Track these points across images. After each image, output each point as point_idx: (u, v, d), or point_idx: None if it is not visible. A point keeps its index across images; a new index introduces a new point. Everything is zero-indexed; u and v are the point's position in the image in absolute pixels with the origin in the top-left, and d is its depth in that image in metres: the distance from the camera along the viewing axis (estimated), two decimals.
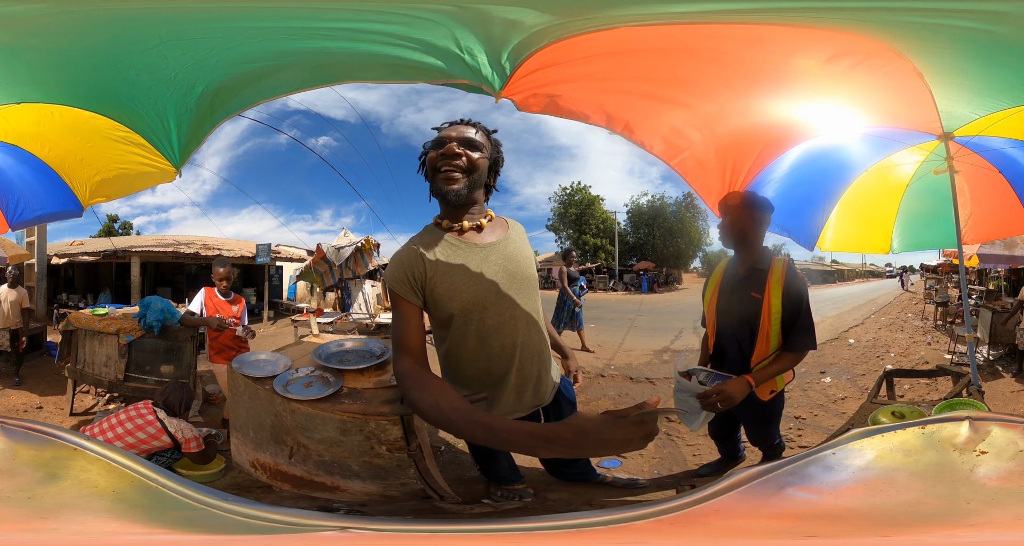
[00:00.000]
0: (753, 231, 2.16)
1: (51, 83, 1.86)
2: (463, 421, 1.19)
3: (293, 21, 1.45)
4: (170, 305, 4.35)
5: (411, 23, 1.40)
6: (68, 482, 0.85)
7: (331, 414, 1.79)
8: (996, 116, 2.01)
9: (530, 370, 1.75)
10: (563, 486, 2.31)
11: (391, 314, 1.62)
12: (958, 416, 0.90)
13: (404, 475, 1.81)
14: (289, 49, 1.64)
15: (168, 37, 1.49)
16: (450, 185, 1.58)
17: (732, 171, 2.57)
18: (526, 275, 1.72)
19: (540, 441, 1.06)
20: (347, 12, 1.39)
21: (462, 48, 1.49)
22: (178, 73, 1.72)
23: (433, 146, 1.65)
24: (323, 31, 1.50)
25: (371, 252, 8.57)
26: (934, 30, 1.37)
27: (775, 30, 1.52)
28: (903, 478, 0.83)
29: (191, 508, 0.81)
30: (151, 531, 0.76)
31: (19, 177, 2.78)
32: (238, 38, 1.56)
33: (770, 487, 0.83)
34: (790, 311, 2.08)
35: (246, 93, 1.93)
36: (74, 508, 0.79)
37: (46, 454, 0.89)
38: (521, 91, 1.76)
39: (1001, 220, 3.11)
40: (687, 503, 0.82)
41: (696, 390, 2.03)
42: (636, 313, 15.67)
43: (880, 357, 7.36)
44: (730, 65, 1.80)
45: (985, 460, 0.82)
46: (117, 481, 0.85)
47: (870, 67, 1.67)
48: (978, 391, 2.46)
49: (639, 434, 1.00)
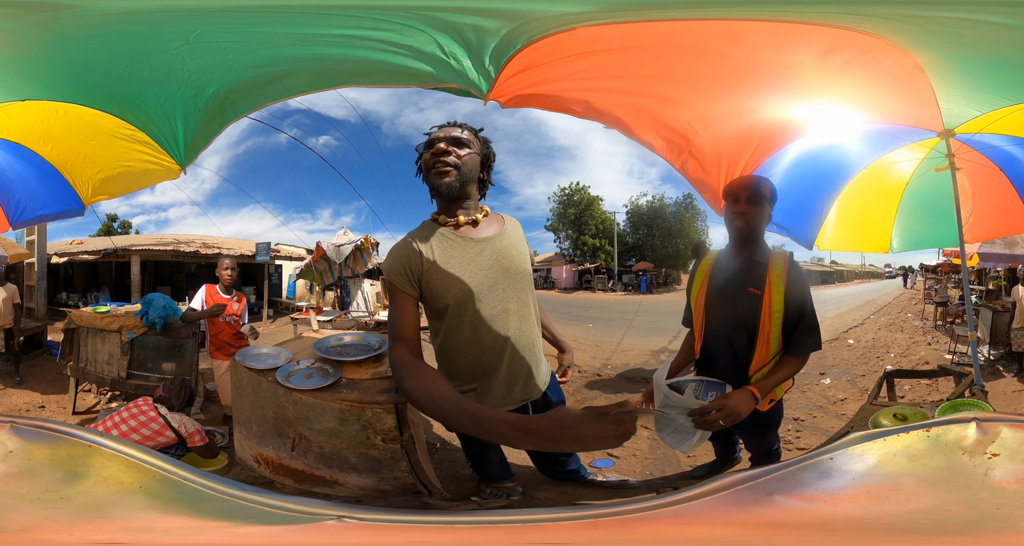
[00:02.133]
0: (762, 221, 1.94)
1: (58, 81, 1.87)
2: (452, 409, 1.24)
3: (305, 27, 1.51)
4: (172, 302, 4.36)
5: (399, 30, 1.45)
6: (93, 480, 0.83)
7: (330, 403, 1.83)
8: (998, 113, 1.99)
9: (521, 364, 1.80)
10: (552, 485, 2.33)
11: (389, 305, 1.70)
12: (964, 417, 0.86)
13: (397, 468, 1.84)
14: (298, 55, 1.69)
15: (196, 39, 1.53)
16: (442, 178, 1.68)
17: (728, 168, 2.55)
18: (520, 270, 1.79)
19: (520, 432, 1.09)
20: (349, 19, 1.44)
21: (447, 53, 1.55)
22: (192, 74, 1.76)
23: (424, 148, 1.76)
24: (328, 38, 1.54)
25: (370, 251, 8.58)
26: (941, 23, 1.36)
27: (758, 26, 1.53)
28: (911, 484, 0.79)
29: (221, 500, 0.80)
30: (202, 524, 0.76)
31: (20, 176, 2.78)
32: (257, 43, 1.60)
33: (755, 493, 0.80)
34: (793, 309, 1.85)
35: (256, 95, 1.97)
36: (114, 506, 0.78)
37: (62, 452, 0.87)
38: (507, 93, 1.82)
39: (1002, 219, 3.09)
40: (660, 504, 0.80)
41: (690, 405, 1.72)
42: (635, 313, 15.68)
43: (880, 358, 7.37)
44: (717, 61, 1.79)
45: (998, 462, 0.78)
46: (140, 476, 0.84)
47: (868, 62, 1.65)
48: (981, 391, 2.35)
49: (615, 432, 1.02)
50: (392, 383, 1.87)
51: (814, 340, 1.87)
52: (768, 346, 1.87)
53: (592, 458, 2.92)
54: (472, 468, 2.28)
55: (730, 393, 1.77)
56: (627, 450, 3.16)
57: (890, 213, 3.30)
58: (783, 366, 1.87)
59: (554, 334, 2.17)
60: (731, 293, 1.95)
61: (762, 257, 1.92)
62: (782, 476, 0.83)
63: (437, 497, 1.92)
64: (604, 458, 3.00)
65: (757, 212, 1.90)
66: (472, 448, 2.13)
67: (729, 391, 1.80)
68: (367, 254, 8.60)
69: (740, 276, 1.93)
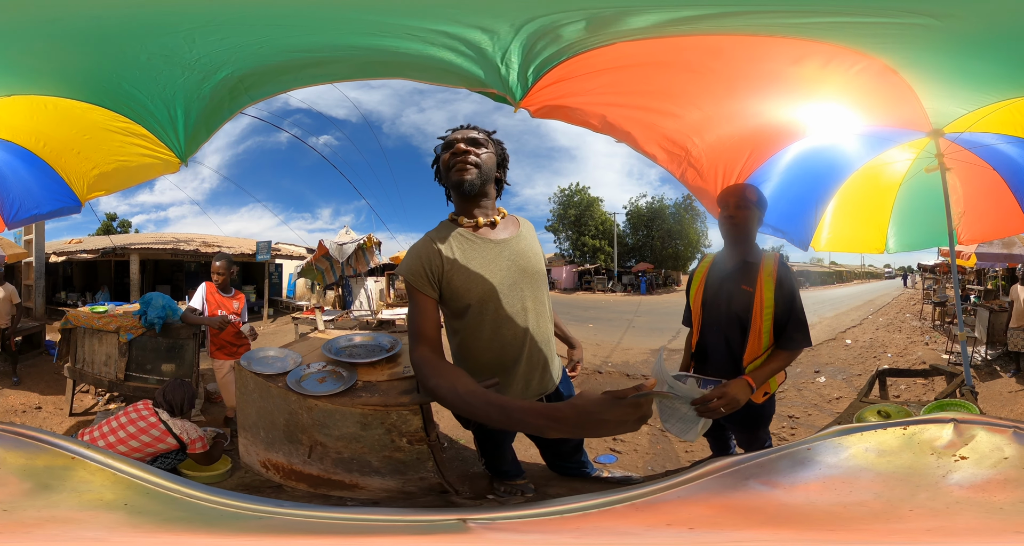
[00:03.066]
0: (752, 224, 2.08)
1: (44, 73, 1.80)
2: (480, 403, 1.26)
3: (369, 14, 1.47)
4: (172, 302, 4.30)
5: (491, 30, 1.48)
6: (63, 495, 0.77)
7: (351, 409, 1.78)
8: (985, 110, 1.99)
9: (538, 358, 1.85)
10: (562, 481, 2.35)
11: (408, 306, 1.71)
12: (943, 418, 0.85)
13: (423, 469, 1.81)
14: (350, 43, 1.67)
15: (224, 20, 1.47)
16: (463, 175, 1.71)
17: (724, 175, 2.60)
18: (535, 270, 1.84)
19: (548, 420, 1.12)
20: (440, 9, 1.44)
21: (504, 59, 1.61)
22: (201, 57, 1.67)
23: (443, 149, 1.80)
24: (401, 28, 1.52)
25: (373, 250, 8.61)
26: (873, 29, 1.41)
27: (731, 40, 1.59)
28: (866, 479, 0.79)
29: (220, 513, 0.75)
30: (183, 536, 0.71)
31: (14, 174, 2.72)
32: (302, 28, 1.56)
33: (737, 478, 0.81)
34: (783, 306, 1.99)
35: (282, 79, 1.91)
36: (67, 522, 0.72)
37: (38, 463, 0.81)
38: (537, 102, 1.92)
39: (998, 219, 3.07)
40: (651, 491, 0.80)
41: (693, 394, 1.83)
42: (634, 314, 15.72)
43: (877, 357, 7.39)
44: (704, 75, 1.88)
45: (963, 466, 0.77)
46: (126, 492, 0.79)
47: (840, 67, 1.70)
48: (971, 391, 2.37)
49: (634, 416, 1.06)
50: (411, 384, 1.86)
51: (803, 335, 2.01)
52: (760, 339, 2.01)
53: (596, 454, 2.95)
54: (485, 466, 2.29)
55: (728, 382, 1.88)
56: (629, 445, 3.19)
57: (885, 214, 3.31)
58: (775, 358, 2.00)
59: (564, 331, 2.23)
60: (726, 290, 2.10)
61: (754, 258, 2.07)
62: (762, 463, 0.84)
63: (462, 496, 1.91)
64: (608, 454, 3.03)
65: (745, 216, 2.06)
66: (487, 445, 2.14)
67: (734, 379, 1.91)
68: (369, 253, 8.62)
69: (735, 275, 2.09)
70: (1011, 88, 1.77)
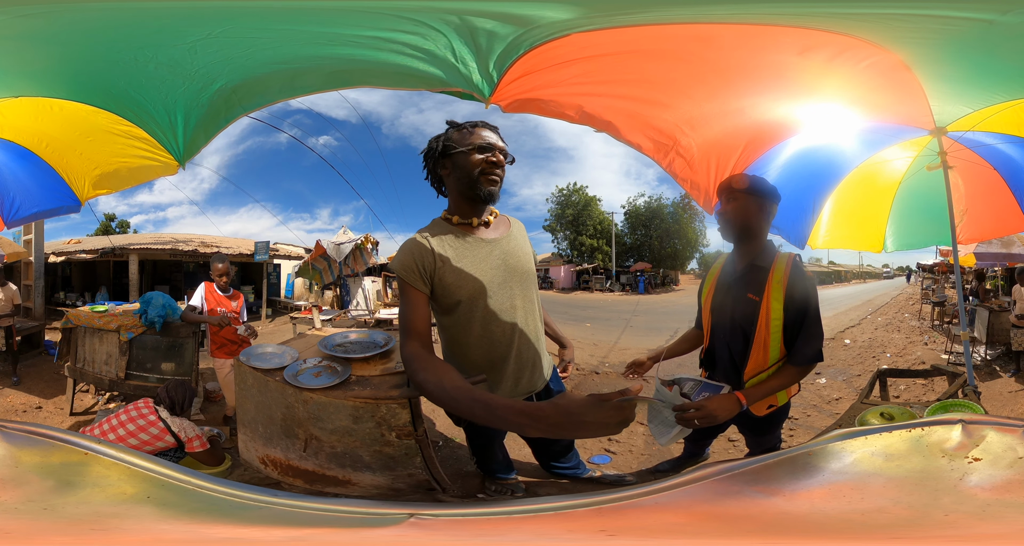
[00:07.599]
0: (757, 221, 1.88)
1: (54, 76, 1.86)
2: (465, 399, 1.27)
3: (335, 27, 1.53)
4: (171, 301, 4.31)
5: (422, 34, 1.49)
6: (87, 490, 0.78)
7: (343, 401, 1.81)
8: (990, 110, 1.96)
9: (527, 356, 1.86)
10: (553, 482, 2.35)
11: (399, 301, 1.72)
12: (950, 419, 0.83)
13: (411, 464, 1.83)
14: (317, 54, 1.71)
15: (219, 34, 1.53)
16: (493, 186, 1.73)
17: (716, 168, 2.56)
18: (525, 269, 1.86)
19: (528, 419, 1.12)
20: (372, 18, 1.47)
21: (457, 58, 1.60)
22: (200, 68, 1.75)
23: (477, 149, 1.72)
24: (352, 38, 1.57)
25: (370, 250, 8.61)
26: (915, 22, 1.37)
27: (726, 29, 1.56)
28: (877, 484, 0.76)
29: (244, 506, 0.76)
30: (224, 528, 0.72)
31: (14, 173, 2.76)
32: (280, 40, 1.62)
33: (728, 484, 0.80)
34: (794, 317, 1.78)
35: (267, 92, 1.97)
36: (110, 516, 0.73)
37: (53, 460, 0.82)
38: (507, 97, 1.89)
39: (997, 219, 3.07)
40: (627, 496, 0.80)
41: (674, 401, 1.77)
42: (632, 313, 15.73)
43: (876, 357, 7.39)
44: (697, 65, 1.82)
45: (978, 468, 0.75)
46: (143, 485, 0.79)
47: (849, 60, 1.65)
48: (974, 392, 2.30)
49: (616, 419, 1.06)
50: (403, 379, 1.88)
51: (814, 350, 1.80)
52: (766, 352, 1.84)
53: (590, 455, 2.95)
54: (476, 464, 2.30)
55: (712, 397, 1.77)
56: (623, 446, 3.19)
57: (883, 212, 3.30)
58: (780, 375, 1.83)
59: (555, 331, 2.23)
60: (731, 299, 1.95)
61: (764, 261, 1.87)
62: (758, 469, 0.82)
63: (450, 494, 1.92)
64: (602, 454, 3.02)
65: (738, 209, 1.87)
66: (477, 442, 2.16)
67: (723, 393, 1.80)
68: (367, 253, 8.63)
69: (741, 281, 1.91)
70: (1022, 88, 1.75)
